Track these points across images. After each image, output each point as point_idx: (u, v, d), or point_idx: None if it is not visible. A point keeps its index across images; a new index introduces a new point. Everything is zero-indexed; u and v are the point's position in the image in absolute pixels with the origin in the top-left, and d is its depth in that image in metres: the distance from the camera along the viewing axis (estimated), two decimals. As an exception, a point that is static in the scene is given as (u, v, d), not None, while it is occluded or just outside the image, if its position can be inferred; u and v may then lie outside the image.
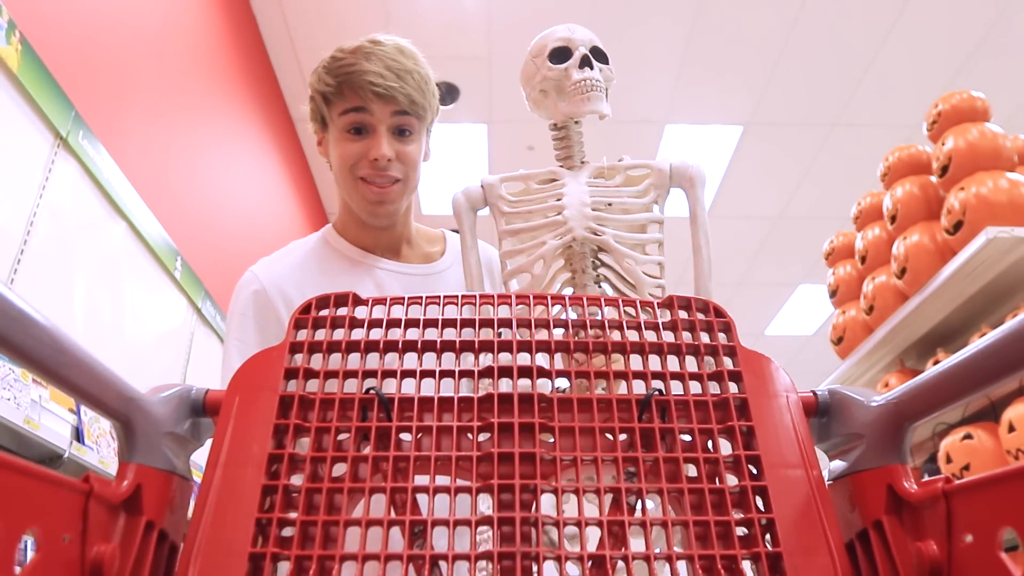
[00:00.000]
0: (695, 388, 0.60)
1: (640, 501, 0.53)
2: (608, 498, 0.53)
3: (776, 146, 4.52)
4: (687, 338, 0.64)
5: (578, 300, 0.66)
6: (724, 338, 0.63)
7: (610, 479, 0.54)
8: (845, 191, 4.29)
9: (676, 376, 0.60)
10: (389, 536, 0.49)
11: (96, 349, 0.50)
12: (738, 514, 0.53)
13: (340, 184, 1.12)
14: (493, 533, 0.50)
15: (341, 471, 0.54)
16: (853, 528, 0.54)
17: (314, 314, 0.64)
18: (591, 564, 0.49)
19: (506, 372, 0.59)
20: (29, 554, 1.12)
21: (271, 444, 0.54)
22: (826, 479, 0.56)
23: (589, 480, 0.54)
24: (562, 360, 0.65)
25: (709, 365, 0.62)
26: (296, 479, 0.53)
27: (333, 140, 1.10)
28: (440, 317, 0.64)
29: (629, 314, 0.65)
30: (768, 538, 0.52)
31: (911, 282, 2.20)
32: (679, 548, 0.50)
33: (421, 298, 0.66)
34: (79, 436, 1.89)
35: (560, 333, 0.65)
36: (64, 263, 2.05)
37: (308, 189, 4.63)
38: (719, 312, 0.65)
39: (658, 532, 0.52)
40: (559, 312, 0.66)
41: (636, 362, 0.62)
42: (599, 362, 0.64)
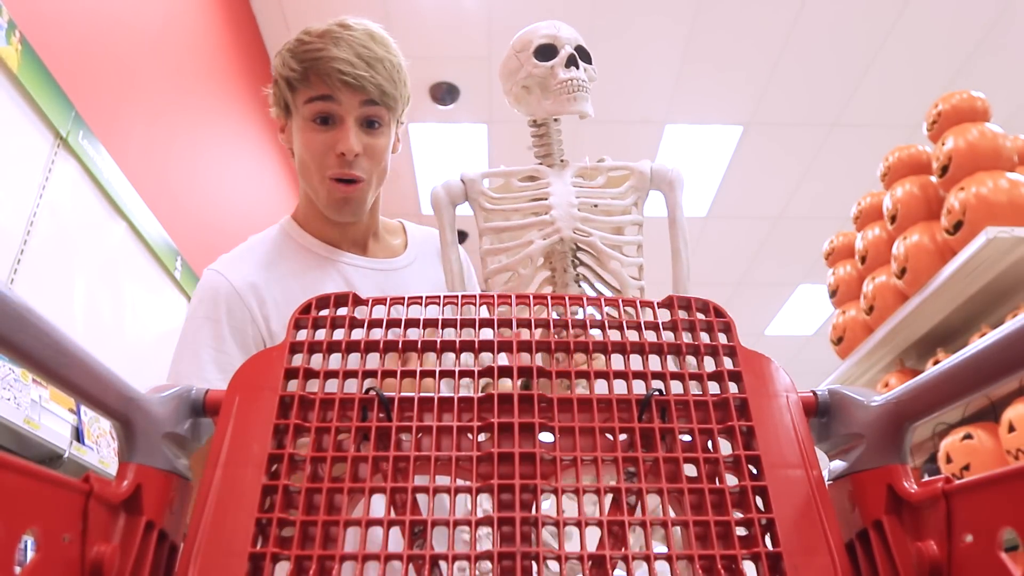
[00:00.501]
0: (695, 388, 0.60)
1: (640, 501, 0.53)
2: (608, 498, 0.53)
3: (776, 146, 4.52)
4: (687, 338, 0.64)
5: (578, 300, 0.66)
6: (724, 338, 0.63)
7: (610, 479, 0.54)
8: (845, 191, 4.29)
9: (676, 376, 0.60)
10: (389, 536, 0.49)
11: (96, 349, 0.50)
12: (738, 514, 0.53)
13: (303, 176, 1.07)
14: (493, 533, 0.50)
15: (341, 471, 0.54)
16: (853, 528, 0.54)
17: (314, 314, 0.64)
18: (591, 564, 0.49)
19: (506, 372, 0.59)
20: (29, 554, 1.12)
21: (271, 444, 0.54)
22: (826, 479, 0.56)
23: (589, 480, 0.54)
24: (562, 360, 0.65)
25: (709, 365, 0.62)
26: (296, 479, 0.53)
27: (297, 129, 1.04)
28: (440, 317, 0.64)
29: (629, 314, 0.65)
30: (768, 538, 0.52)
31: (911, 282, 2.20)
32: (679, 548, 0.50)
33: (421, 298, 0.66)
34: (79, 436, 1.89)
35: (560, 333, 0.65)
36: (64, 263, 2.05)
37: (308, 189, 4.62)
38: (719, 312, 0.65)
39: (658, 532, 0.52)
40: (559, 312, 0.66)
41: (636, 362, 0.62)
42: (595, 362, 0.64)
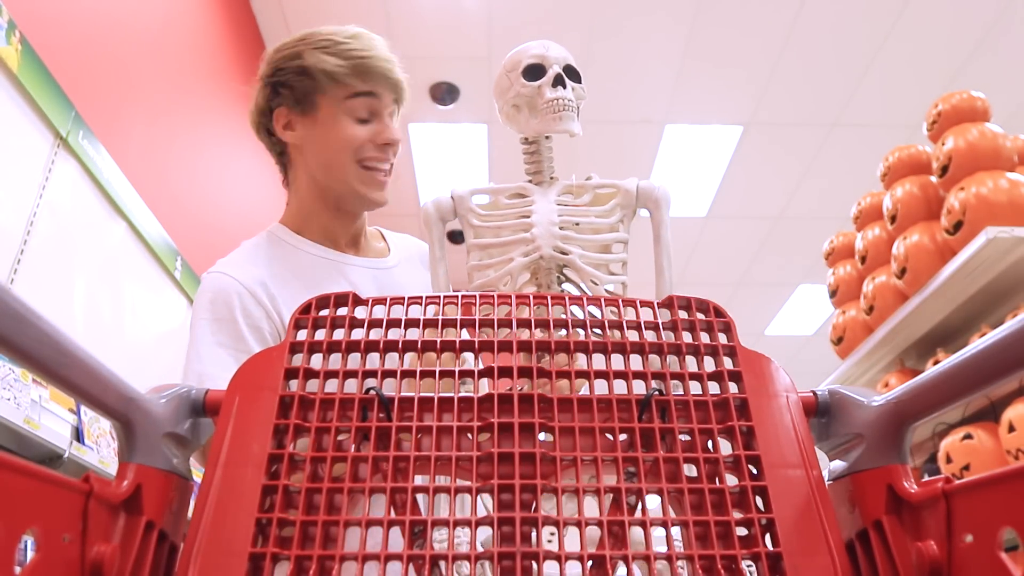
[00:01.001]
0: (695, 388, 0.60)
1: (640, 501, 0.53)
2: (608, 498, 0.53)
3: (776, 146, 4.52)
4: (687, 338, 0.64)
5: (578, 300, 0.66)
6: (724, 338, 0.63)
7: (610, 479, 0.54)
8: (845, 191, 4.29)
9: (676, 376, 0.60)
10: (389, 536, 0.49)
11: (96, 349, 0.50)
12: (738, 514, 0.53)
13: (332, 168, 1.09)
14: (493, 533, 0.50)
15: (341, 471, 0.54)
16: (853, 528, 0.54)
17: (314, 314, 0.64)
18: (591, 564, 0.49)
19: (506, 372, 0.59)
20: (29, 554, 1.12)
21: (271, 444, 0.54)
22: (826, 479, 0.56)
23: (589, 480, 0.54)
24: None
25: (709, 365, 0.62)
26: (296, 479, 0.53)
27: (328, 122, 1.08)
28: (440, 317, 0.64)
29: (629, 314, 0.65)
30: (768, 538, 0.52)
31: (911, 282, 2.20)
32: (679, 548, 0.50)
33: (421, 298, 0.66)
34: (79, 436, 1.89)
35: (560, 333, 0.65)
36: (64, 263, 2.05)
37: (308, 189, 4.62)
38: (719, 312, 0.65)
39: (658, 532, 0.52)
40: (559, 312, 0.66)
41: (636, 362, 0.62)
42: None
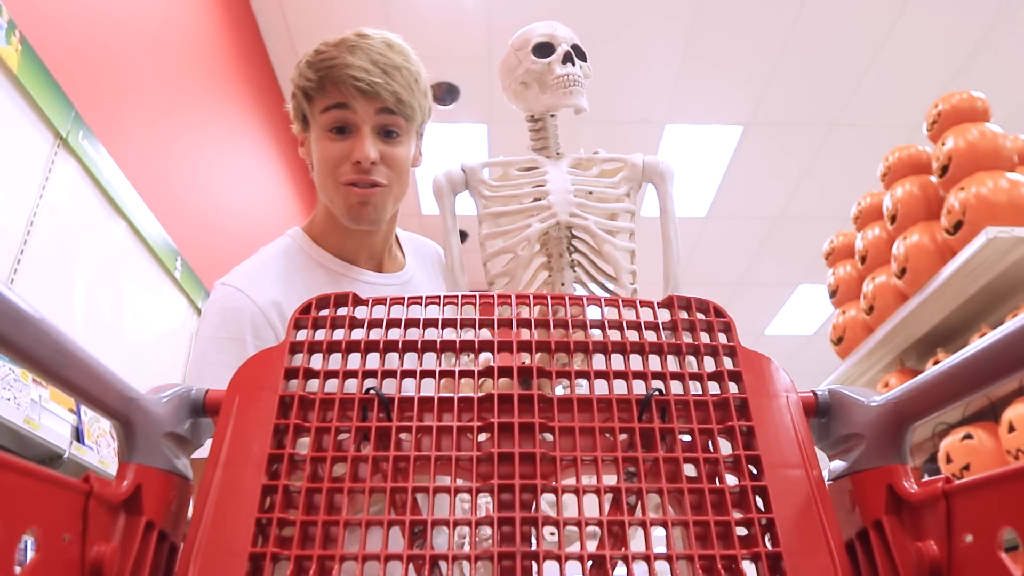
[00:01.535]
0: (695, 388, 0.60)
1: (640, 501, 0.53)
2: (608, 498, 0.53)
3: (776, 146, 4.52)
4: (687, 338, 0.64)
5: (578, 300, 0.66)
6: (724, 338, 0.63)
7: (610, 479, 0.54)
8: (845, 191, 4.28)
9: (676, 376, 0.60)
10: (389, 536, 0.49)
11: (96, 349, 0.50)
12: (738, 514, 0.53)
13: (320, 187, 1.05)
14: (493, 533, 0.50)
15: (341, 471, 0.54)
16: (853, 528, 0.54)
17: (314, 314, 0.64)
18: (591, 564, 0.49)
19: (506, 372, 0.59)
20: (29, 554, 1.12)
21: (271, 444, 0.54)
22: (826, 479, 0.56)
23: (589, 480, 0.54)
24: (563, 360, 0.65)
25: (709, 365, 0.62)
26: (296, 479, 0.53)
27: (314, 140, 1.03)
28: (440, 317, 0.64)
29: (629, 314, 0.65)
30: (768, 538, 0.52)
31: (911, 282, 2.20)
32: (679, 548, 0.50)
33: (421, 298, 0.66)
34: (79, 436, 1.89)
35: (560, 333, 0.65)
36: (64, 263, 2.05)
37: (308, 189, 4.63)
38: (719, 312, 0.65)
39: (658, 532, 0.52)
40: (559, 312, 0.66)
41: (636, 362, 0.62)
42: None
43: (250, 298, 0.99)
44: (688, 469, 0.55)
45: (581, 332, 0.65)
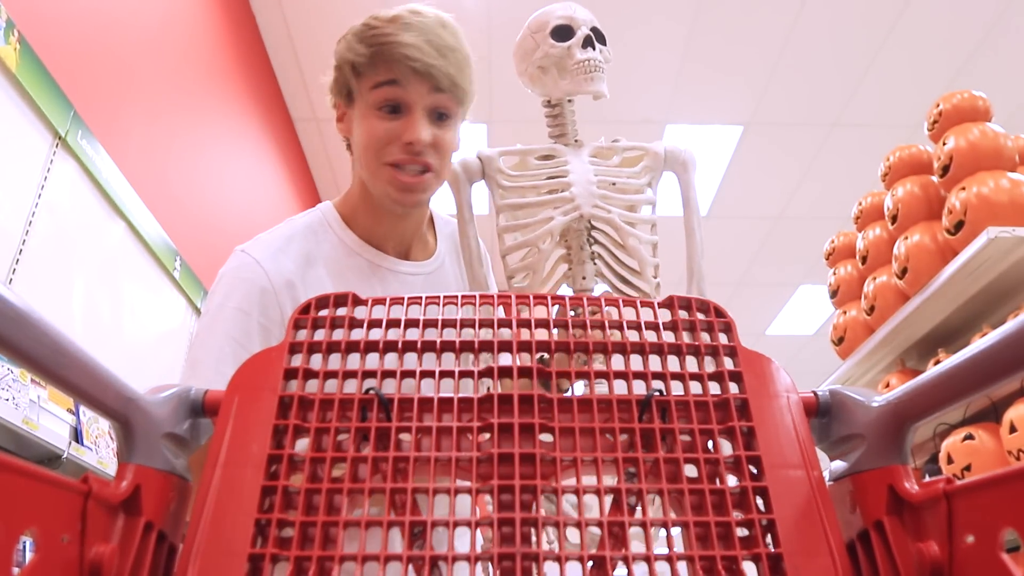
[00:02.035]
0: (695, 388, 0.60)
1: (640, 502, 0.53)
2: (608, 498, 0.53)
3: (776, 146, 4.51)
4: (687, 338, 0.64)
5: (578, 300, 0.66)
6: (724, 338, 0.63)
7: (610, 479, 0.54)
8: (845, 191, 4.28)
9: (676, 376, 0.60)
10: (389, 537, 0.49)
11: (96, 349, 0.50)
12: (739, 515, 0.53)
13: (363, 166, 1.00)
14: (493, 533, 0.50)
15: (341, 472, 0.54)
16: (854, 528, 0.54)
17: (313, 314, 0.64)
18: (591, 564, 0.49)
19: (506, 372, 0.59)
20: (28, 554, 1.12)
21: (270, 444, 0.54)
22: (827, 479, 0.56)
23: (589, 481, 0.54)
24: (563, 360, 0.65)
25: (709, 365, 0.62)
26: (295, 479, 0.53)
27: (359, 116, 0.99)
28: (440, 317, 0.64)
29: (629, 314, 0.65)
30: (769, 539, 0.52)
31: (912, 282, 2.20)
32: (680, 549, 0.50)
33: (421, 298, 0.66)
34: (78, 437, 1.89)
35: (560, 333, 0.65)
36: (63, 263, 2.05)
37: (308, 189, 4.63)
38: (719, 312, 0.65)
39: (657, 532, 0.52)
40: (559, 312, 0.66)
41: (636, 362, 0.62)
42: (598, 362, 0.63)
43: (265, 272, 0.96)
44: (688, 469, 0.55)
45: (582, 332, 0.64)
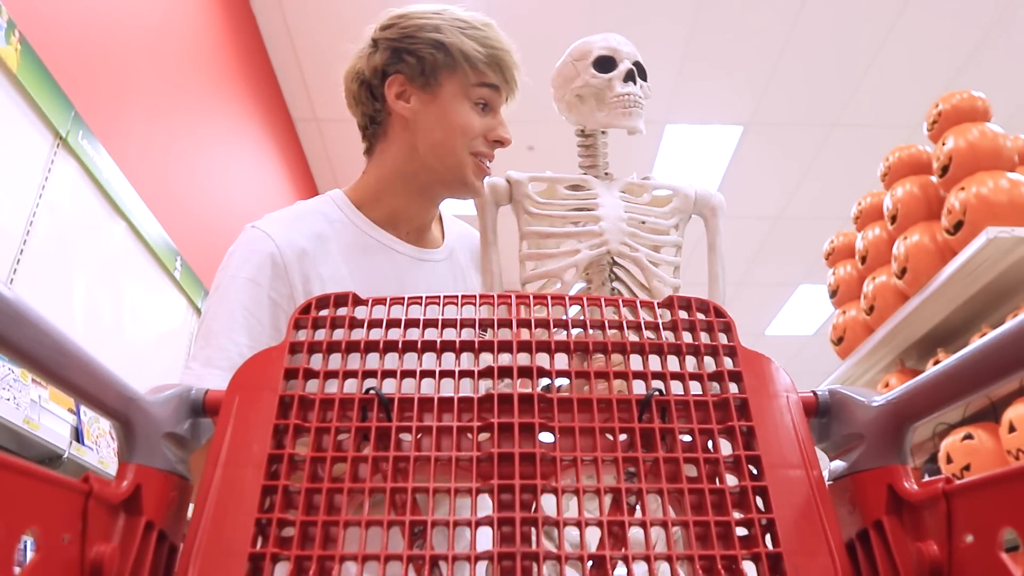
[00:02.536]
0: (695, 388, 0.60)
1: (640, 501, 0.53)
2: (608, 498, 0.53)
3: (776, 146, 4.52)
4: (687, 338, 0.64)
5: (578, 300, 0.66)
6: (724, 338, 0.63)
7: (610, 479, 0.54)
8: (845, 191, 4.28)
9: (676, 376, 0.60)
10: (389, 536, 0.49)
11: (96, 349, 0.50)
12: (738, 514, 0.53)
13: (442, 150, 1.07)
14: (493, 533, 0.50)
15: (341, 471, 0.54)
16: (853, 528, 0.54)
17: (314, 314, 0.64)
18: (591, 564, 0.49)
19: (506, 372, 0.59)
20: (29, 554, 1.12)
21: (271, 444, 0.54)
22: (826, 479, 0.56)
23: (589, 480, 0.54)
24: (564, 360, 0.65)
25: (709, 365, 0.62)
26: (296, 479, 0.53)
27: (448, 103, 1.07)
28: (440, 317, 0.64)
29: (629, 314, 0.65)
30: (768, 538, 0.52)
31: (911, 282, 2.20)
32: (680, 548, 0.50)
33: (421, 298, 0.66)
34: (79, 436, 1.89)
35: (560, 333, 0.65)
36: (64, 263, 2.05)
37: (308, 189, 4.63)
38: (719, 312, 0.65)
39: (658, 532, 0.52)
40: (559, 312, 0.66)
41: (636, 362, 0.62)
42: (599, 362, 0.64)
43: (276, 244, 1.00)
44: (688, 469, 0.55)
45: (582, 332, 0.64)
